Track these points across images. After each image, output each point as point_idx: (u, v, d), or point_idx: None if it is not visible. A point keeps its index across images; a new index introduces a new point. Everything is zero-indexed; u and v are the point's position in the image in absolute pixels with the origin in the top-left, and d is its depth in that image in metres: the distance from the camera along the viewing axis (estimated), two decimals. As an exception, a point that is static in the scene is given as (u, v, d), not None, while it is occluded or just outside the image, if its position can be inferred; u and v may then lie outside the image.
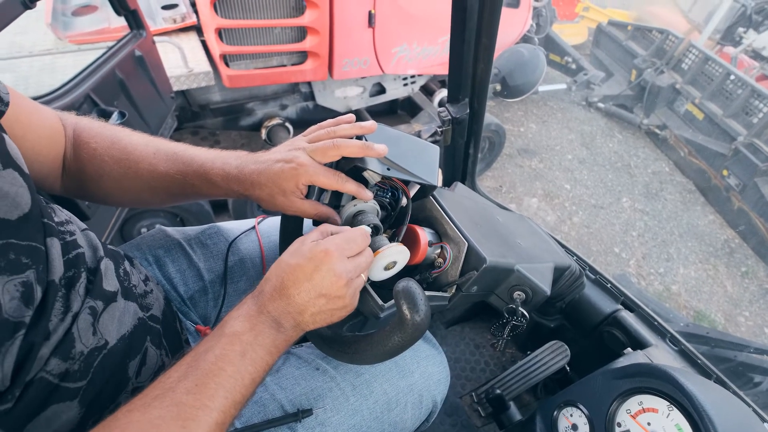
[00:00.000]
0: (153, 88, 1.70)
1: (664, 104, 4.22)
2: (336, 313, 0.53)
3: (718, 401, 0.59)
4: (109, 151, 0.60)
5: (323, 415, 0.65)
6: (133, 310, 0.52)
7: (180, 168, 0.59)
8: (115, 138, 0.61)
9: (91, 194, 0.65)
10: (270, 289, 0.50)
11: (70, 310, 0.43)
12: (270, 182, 0.57)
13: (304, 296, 0.50)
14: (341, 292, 0.51)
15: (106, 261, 0.51)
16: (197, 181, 0.59)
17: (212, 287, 0.76)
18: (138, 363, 0.51)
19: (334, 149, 0.58)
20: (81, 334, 0.44)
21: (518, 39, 3.52)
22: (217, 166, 0.59)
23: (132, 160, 0.60)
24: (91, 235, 0.53)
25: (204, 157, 0.60)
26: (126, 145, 0.61)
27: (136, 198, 0.66)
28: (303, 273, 0.50)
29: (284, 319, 0.50)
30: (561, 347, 0.94)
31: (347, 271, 0.51)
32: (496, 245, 0.72)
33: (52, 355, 0.41)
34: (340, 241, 0.52)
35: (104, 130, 0.62)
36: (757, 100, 3.43)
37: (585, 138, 4.25)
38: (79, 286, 0.45)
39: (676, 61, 4.13)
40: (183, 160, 0.60)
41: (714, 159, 3.63)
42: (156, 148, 0.61)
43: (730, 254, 3.32)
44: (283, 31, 2.27)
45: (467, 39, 0.98)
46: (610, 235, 3.26)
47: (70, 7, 2.30)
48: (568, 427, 0.71)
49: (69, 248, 0.46)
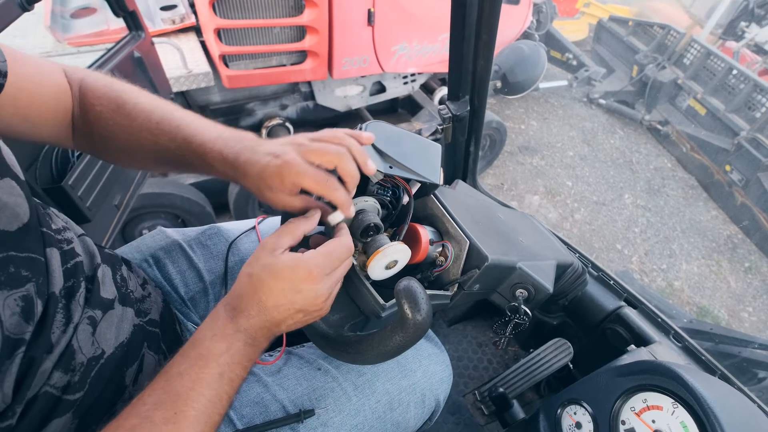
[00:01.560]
0: (153, 89, 1.70)
1: (666, 100, 4.20)
2: (311, 320, 0.53)
3: (723, 398, 0.59)
4: (114, 116, 0.57)
5: (325, 416, 0.65)
6: (131, 316, 0.51)
7: (179, 144, 0.57)
8: (120, 102, 0.58)
9: (101, 154, 0.63)
10: (246, 305, 0.49)
11: (71, 321, 0.42)
12: (257, 176, 0.54)
13: (283, 312, 0.49)
14: (320, 306, 0.52)
15: (103, 268, 0.50)
16: (195, 161, 0.56)
17: (213, 288, 0.76)
18: (135, 370, 0.50)
19: (332, 156, 0.53)
20: (81, 344, 0.43)
21: (519, 36, 3.50)
22: (216, 150, 0.55)
23: (135, 128, 0.57)
24: (88, 242, 0.52)
25: (206, 135, 0.57)
26: (130, 111, 0.57)
27: (142, 165, 0.64)
28: (283, 295, 0.49)
29: (260, 333, 0.49)
30: (564, 345, 0.93)
31: (328, 288, 0.51)
32: (497, 243, 0.72)
33: (55, 368, 0.40)
34: (322, 260, 0.50)
35: (110, 92, 0.58)
36: (759, 94, 3.41)
37: (586, 134, 4.23)
38: (79, 296, 0.44)
39: (678, 57, 4.11)
40: (184, 135, 0.57)
41: (716, 154, 3.61)
42: (160, 118, 0.58)
43: (733, 250, 3.31)
44: (282, 31, 2.27)
45: (467, 36, 0.98)
46: (612, 231, 3.25)
47: (69, 9, 2.30)
48: (572, 425, 0.70)
49: (68, 257, 0.45)
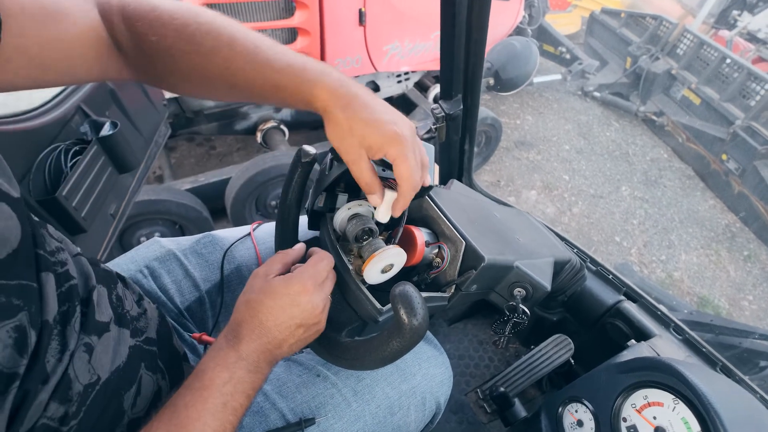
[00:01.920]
0: (144, 96, 1.69)
1: (661, 91, 4.20)
2: (310, 337, 0.55)
3: (724, 393, 0.59)
4: (176, 43, 0.50)
5: (326, 423, 0.65)
6: (127, 338, 0.50)
7: (259, 88, 0.53)
8: (180, 26, 0.51)
9: (166, 85, 0.57)
10: (246, 331, 0.50)
11: (67, 349, 0.40)
12: (363, 130, 0.50)
13: (284, 330, 0.50)
14: (318, 318, 0.53)
15: (98, 289, 0.49)
16: (276, 101, 0.54)
17: (209, 297, 0.76)
18: (134, 393, 0.49)
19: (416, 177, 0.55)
20: (78, 373, 0.41)
21: (511, 31, 3.50)
22: (303, 95, 0.52)
23: (203, 54, 0.51)
24: (83, 262, 0.50)
25: (290, 84, 0.52)
26: (194, 32, 0.51)
27: (207, 93, 0.59)
28: (282, 311, 0.50)
29: (262, 358, 0.50)
30: (564, 341, 0.93)
31: (322, 300, 0.53)
32: (494, 242, 0.71)
33: (51, 400, 0.38)
34: (312, 272, 0.53)
35: (162, 16, 0.51)
36: (753, 82, 3.41)
37: (582, 128, 4.23)
38: (74, 322, 0.42)
39: (671, 47, 4.11)
40: (264, 77, 0.52)
41: (712, 144, 3.61)
42: (230, 37, 0.52)
43: (732, 239, 3.31)
44: (274, 33, 2.26)
45: (457, 34, 0.97)
46: (610, 224, 3.25)
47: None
48: (573, 423, 0.70)
49: (62, 280, 0.43)
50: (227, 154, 3.10)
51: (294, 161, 0.69)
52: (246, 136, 2.86)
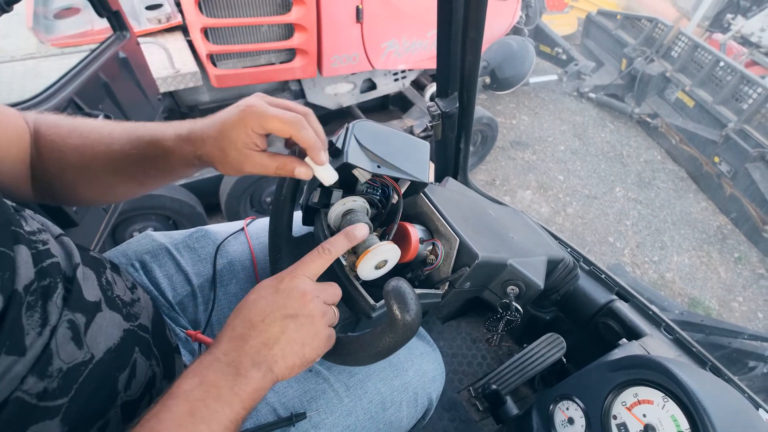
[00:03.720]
0: (139, 90, 1.67)
1: (655, 93, 4.23)
2: (308, 342, 0.47)
3: (713, 391, 0.59)
4: (67, 140, 0.57)
5: (317, 418, 0.65)
6: (118, 321, 0.49)
7: (134, 143, 0.56)
8: (73, 126, 0.58)
9: (59, 193, 0.62)
10: (228, 331, 0.46)
11: (48, 323, 0.39)
12: (219, 133, 0.51)
13: (268, 321, 0.46)
14: (308, 309, 0.47)
15: (83, 269, 0.47)
16: (151, 152, 0.55)
17: (201, 292, 0.75)
18: (127, 375, 0.48)
19: (289, 123, 0.51)
20: (59, 349, 0.40)
21: (507, 31, 3.50)
22: (170, 132, 0.55)
23: (89, 145, 0.57)
24: (66, 242, 0.49)
25: (159, 128, 0.57)
26: (83, 131, 0.58)
27: (100, 188, 0.62)
28: (264, 300, 0.47)
29: (244, 359, 0.44)
30: (557, 339, 0.94)
31: (312, 288, 0.49)
32: (488, 240, 0.72)
33: (30, 373, 0.37)
34: (299, 263, 0.51)
35: (62, 121, 0.59)
36: (746, 86, 3.45)
37: (577, 128, 4.25)
38: (56, 297, 0.41)
39: (666, 50, 4.14)
40: (137, 134, 0.56)
41: (705, 146, 3.65)
42: (112, 129, 0.58)
43: (723, 241, 3.35)
44: (270, 29, 2.24)
45: (454, 32, 0.97)
46: (604, 224, 3.27)
47: (52, 10, 2.26)
48: (564, 421, 0.70)
49: (43, 257, 0.42)
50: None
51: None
52: (241, 131, 2.85)
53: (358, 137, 0.65)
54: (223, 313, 0.76)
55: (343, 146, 0.63)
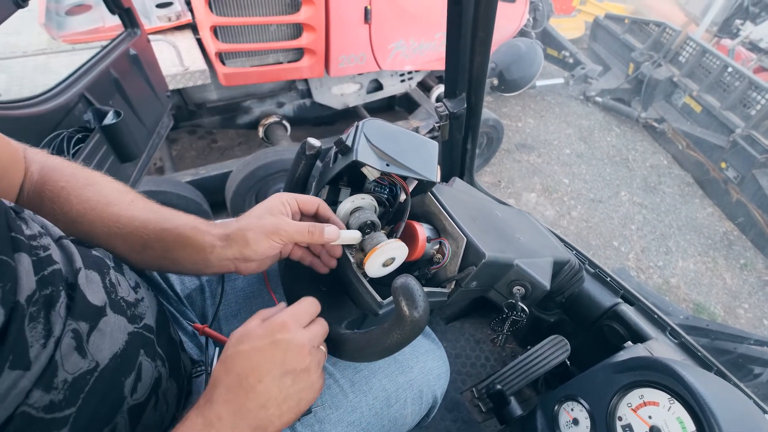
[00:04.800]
0: (148, 86, 1.69)
1: (662, 97, 4.21)
2: (305, 396, 0.48)
3: (719, 393, 0.59)
4: (80, 190, 0.54)
5: (322, 413, 0.65)
6: (123, 325, 0.47)
7: (159, 223, 0.54)
8: (91, 179, 0.56)
9: None
10: (221, 390, 0.44)
11: (52, 335, 0.38)
12: (255, 215, 0.56)
13: (267, 381, 0.44)
14: (306, 362, 0.47)
15: (86, 272, 0.45)
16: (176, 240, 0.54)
17: (209, 285, 0.76)
18: (133, 380, 0.47)
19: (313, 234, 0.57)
20: (64, 360, 0.39)
21: (515, 33, 3.51)
22: (201, 221, 0.57)
23: (104, 203, 0.54)
24: (67, 245, 0.46)
25: (186, 217, 0.56)
26: (101, 188, 0.56)
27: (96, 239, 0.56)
28: (261, 354, 0.45)
29: (241, 423, 0.42)
30: (561, 342, 0.94)
31: (309, 339, 0.49)
32: (494, 240, 0.72)
33: (35, 387, 0.36)
34: (291, 312, 0.50)
35: (80, 172, 0.56)
36: (754, 92, 3.43)
37: (583, 132, 4.24)
38: (59, 307, 0.39)
39: (674, 54, 4.13)
40: (164, 215, 0.55)
41: (712, 151, 3.63)
42: (134, 197, 0.57)
43: (729, 247, 3.33)
44: (279, 28, 2.26)
45: (463, 33, 0.98)
46: (608, 229, 3.26)
47: (64, 6, 2.29)
48: (569, 422, 0.71)
49: (44, 264, 0.40)
50: (228, 148, 3.10)
51: (298, 153, 0.70)
52: (248, 130, 2.86)
53: (368, 135, 0.65)
54: (230, 308, 0.77)
55: (353, 144, 0.63)
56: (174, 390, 0.54)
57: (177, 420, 0.53)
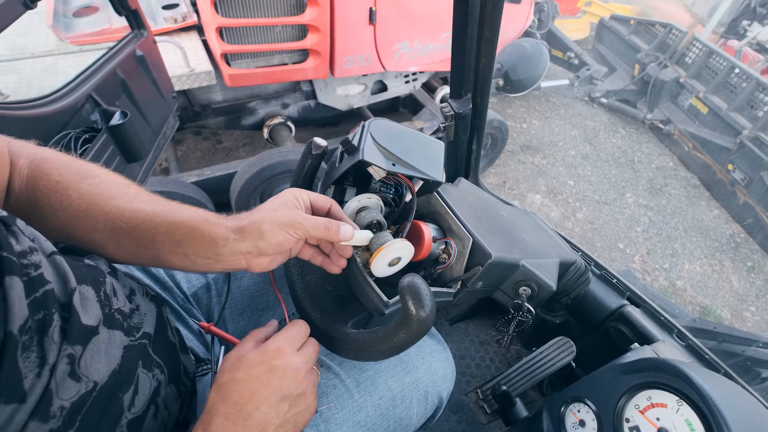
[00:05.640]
0: (154, 87, 1.70)
1: (668, 99, 4.19)
2: (301, 419, 0.49)
3: (729, 396, 0.58)
4: (77, 185, 0.50)
5: (328, 413, 0.65)
6: (119, 340, 0.45)
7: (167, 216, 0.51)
8: (88, 172, 0.52)
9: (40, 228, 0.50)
10: (219, 419, 0.43)
11: (46, 363, 0.35)
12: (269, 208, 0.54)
13: (264, 407, 0.44)
14: (302, 387, 0.48)
15: (80, 290, 0.42)
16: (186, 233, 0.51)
17: (216, 284, 0.76)
18: (131, 394, 0.45)
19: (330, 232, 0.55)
20: (59, 388, 0.36)
21: (520, 34, 3.50)
22: (212, 214, 0.54)
23: (106, 197, 0.50)
24: (59, 262, 0.42)
25: (196, 210, 0.54)
26: (101, 181, 0.52)
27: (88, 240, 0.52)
28: (258, 381, 0.45)
29: None
30: (567, 343, 0.93)
31: (304, 363, 0.49)
32: (500, 240, 0.71)
33: (31, 419, 0.34)
34: (285, 336, 0.50)
35: (74, 163, 0.53)
36: (762, 93, 3.40)
37: (588, 133, 4.22)
38: (52, 332, 0.37)
39: (680, 55, 4.10)
40: (172, 207, 0.53)
41: (719, 153, 3.60)
42: (137, 190, 0.53)
43: (736, 249, 3.30)
44: (284, 30, 2.27)
45: (469, 33, 0.97)
46: (614, 230, 3.24)
47: (72, 8, 2.31)
48: (576, 423, 0.70)
49: (36, 286, 0.37)
50: (233, 149, 3.11)
51: (304, 152, 0.70)
52: (253, 131, 2.87)
53: (374, 135, 0.65)
54: (236, 307, 0.77)
55: (359, 143, 0.63)
56: (174, 394, 0.54)
57: (180, 423, 0.53)
